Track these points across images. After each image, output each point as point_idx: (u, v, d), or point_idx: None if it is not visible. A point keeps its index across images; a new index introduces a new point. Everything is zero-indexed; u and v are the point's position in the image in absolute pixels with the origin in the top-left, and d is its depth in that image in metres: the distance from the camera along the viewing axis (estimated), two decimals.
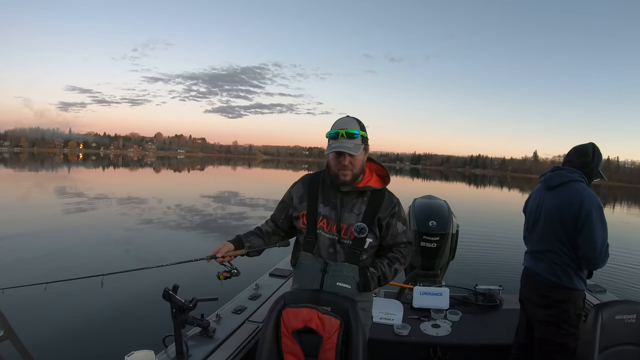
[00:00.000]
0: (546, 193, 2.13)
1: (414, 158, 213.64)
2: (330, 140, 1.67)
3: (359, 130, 1.66)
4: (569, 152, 2.16)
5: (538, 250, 2.12)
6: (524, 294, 2.23)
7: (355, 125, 1.67)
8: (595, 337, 1.77)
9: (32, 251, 6.46)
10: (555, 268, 2.01)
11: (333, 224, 1.70)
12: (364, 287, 1.68)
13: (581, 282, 2.01)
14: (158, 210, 11.66)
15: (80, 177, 25.45)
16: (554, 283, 2.01)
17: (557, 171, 2.11)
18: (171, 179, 29.12)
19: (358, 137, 1.65)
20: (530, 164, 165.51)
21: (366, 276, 1.68)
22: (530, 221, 2.23)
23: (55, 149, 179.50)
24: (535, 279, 2.11)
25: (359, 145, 1.66)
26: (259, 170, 56.91)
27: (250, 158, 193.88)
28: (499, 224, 12.58)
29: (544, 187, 2.16)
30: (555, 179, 2.08)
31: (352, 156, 1.65)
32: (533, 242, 2.19)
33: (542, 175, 2.21)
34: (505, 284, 3.07)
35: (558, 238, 2.00)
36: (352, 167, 1.66)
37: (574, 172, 2.05)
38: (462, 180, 60.48)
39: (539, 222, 2.14)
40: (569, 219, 1.96)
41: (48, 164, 44.66)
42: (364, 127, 1.71)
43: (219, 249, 1.71)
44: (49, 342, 3.50)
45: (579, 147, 2.13)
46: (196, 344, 1.91)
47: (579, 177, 2.02)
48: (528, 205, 2.29)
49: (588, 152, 2.09)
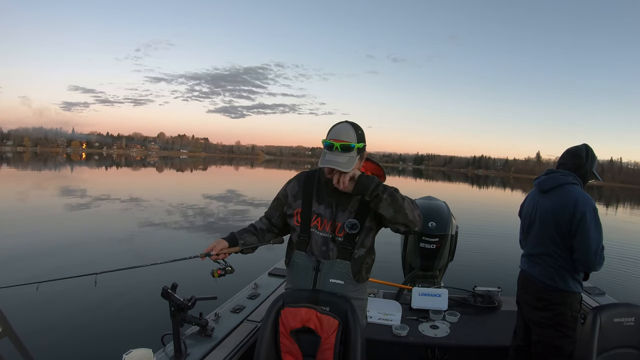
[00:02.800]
0: (541, 196, 2.12)
1: (417, 159, 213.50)
2: (324, 150, 1.60)
3: (355, 143, 1.57)
4: (563, 154, 2.15)
5: (533, 254, 2.11)
6: (520, 296, 2.22)
7: (351, 136, 1.58)
8: (593, 339, 1.77)
9: (30, 249, 6.50)
10: (550, 271, 2.00)
11: (327, 223, 1.68)
12: (365, 185, 1.53)
13: (577, 284, 2.00)
14: (159, 209, 11.70)
15: (82, 177, 25.54)
16: (550, 286, 2.00)
17: (550, 174, 2.10)
18: (173, 179, 29.18)
19: (353, 149, 1.57)
20: (533, 164, 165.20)
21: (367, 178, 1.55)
22: (526, 225, 2.22)
23: (58, 148, 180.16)
24: (532, 282, 2.10)
25: (354, 159, 1.56)
26: (261, 170, 56.93)
27: (253, 158, 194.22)
28: (499, 226, 12.56)
29: (538, 190, 2.15)
30: (549, 182, 2.07)
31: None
32: (528, 245, 2.18)
33: (537, 178, 2.20)
34: (504, 286, 3.06)
35: (553, 241, 2.00)
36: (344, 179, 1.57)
37: (567, 175, 2.04)
38: (464, 181, 60.34)
39: (534, 226, 2.13)
40: (563, 221, 1.95)
41: (51, 163, 44.85)
42: (362, 135, 1.63)
43: (213, 246, 1.69)
44: (47, 340, 3.52)
45: (572, 149, 2.12)
46: (194, 342, 1.92)
47: (572, 180, 2.02)
48: (523, 209, 2.29)
49: (581, 154, 2.08)
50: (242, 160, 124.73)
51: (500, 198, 29.39)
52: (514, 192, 37.23)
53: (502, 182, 69.38)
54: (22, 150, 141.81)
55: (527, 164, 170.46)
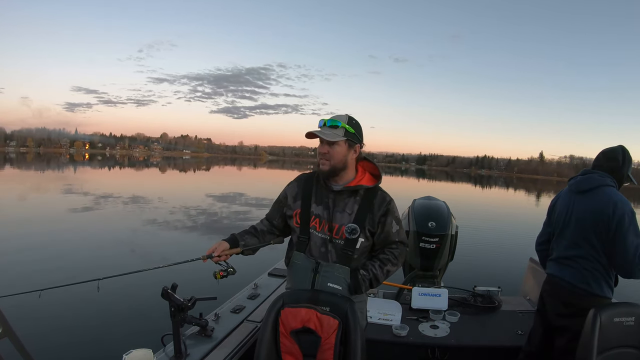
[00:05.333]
0: (576, 197, 2.05)
1: (420, 159, 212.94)
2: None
3: (342, 122, 1.67)
4: (598, 155, 2.09)
5: (567, 256, 2.04)
6: (546, 302, 2.13)
7: (342, 119, 1.68)
8: (593, 339, 1.76)
9: (33, 251, 6.52)
10: (585, 274, 1.94)
11: (325, 224, 1.70)
12: (355, 289, 1.68)
13: (609, 290, 1.95)
14: (162, 210, 11.74)
15: (85, 178, 25.60)
16: (582, 290, 1.94)
17: (587, 175, 2.04)
18: (176, 179, 29.22)
19: (340, 127, 1.66)
20: (536, 164, 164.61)
21: (357, 278, 1.67)
22: (559, 226, 2.12)
23: (61, 149, 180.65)
24: (561, 286, 2.03)
25: (338, 136, 1.66)
26: (264, 170, 56.95)
27: (256, 158, 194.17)
28: (499, 226, 12.54)
29: (574, 191, 2.08)
30: (586, 183, 2.01)
31: (330, 145, 1.65)
32: (560, 247, 2.10)
33: (572, 178, 2.13)
34: (504, 286, 3.07)
35: (589, 243, 1.93)
36: (330, 157, 1.66)
37: (605, 177, 1.98)
38: (467, 181, 60.16)
39: (569, 227, 2.05)
40: (601, 223, 1.89)
41: (54, 164, 44.96)
42: (356, 125, 1.72)
43: (215, 248, 1.70)
44: (47, 341, 3.54)
45: (608, 150, 2.06)
46: (194, 343, 1.93)
47: (610, 182, 1.97)
48: (555, 210, 2.19)
49: (617, 157, 2.02)
50: (245, 161, 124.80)
51: (501, 198, 29.30)
52: (517, 192, 37.14)
53: (505, 182, 69.10)
54: (25, 150, 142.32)
55: (530, 163, 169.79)
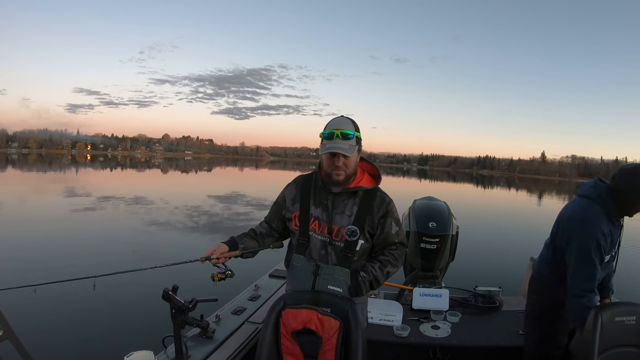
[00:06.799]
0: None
1: (421, 159, 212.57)
2: (324, 141, 1.65)
3: (354, 131, 1.65)
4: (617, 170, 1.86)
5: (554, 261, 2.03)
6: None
7: (349, 126, 1.66)
8: (594, 338, 1.75)
9: (33, 251, 6.57)
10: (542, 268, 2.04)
11: (324, 226, 1.69)
12: (356, 291, 1.67)
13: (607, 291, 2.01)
14: (163, 211, 11.77)
15: (87, 179, 25.69)
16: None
17: (589, 182, 1.95)
18: (178, 181, 29.26)
19: (353, 137, 1.64)
20: (537, 164, 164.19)
21: (357, 280, 1.67)
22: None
23: (63, 150, 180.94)
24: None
25: (353, 147, 1.64)
26: (265, 171, 56.97)
27: (257, 159, 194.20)
28: (499, 226, 12.52)
29: None
30: (579, 188, 1.95)
31: (346, 157, 1.63)
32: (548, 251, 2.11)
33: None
34: (505, 286, 3.06)
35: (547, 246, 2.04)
36: (346, 167, 1.65)
37: (597, 188, 1.85)
38: (469, 181, 60.06)
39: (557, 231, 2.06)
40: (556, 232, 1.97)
41: (56, 165, 45.10)
42: (358, 128, 1.70)
43: (214, 250, 1.70)
44: (48, 343, 3.54)
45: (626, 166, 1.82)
46: (196, 344, 1.93)
47: (594, 195, 1.83)
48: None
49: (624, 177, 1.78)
50: (247, 162, 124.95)
51: (502, 198, 29.24)
52: (519, 192, 37.05)
53: (507, 182, 68.98)
54: (27, 152, 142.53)
55: (532, 164, 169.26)
